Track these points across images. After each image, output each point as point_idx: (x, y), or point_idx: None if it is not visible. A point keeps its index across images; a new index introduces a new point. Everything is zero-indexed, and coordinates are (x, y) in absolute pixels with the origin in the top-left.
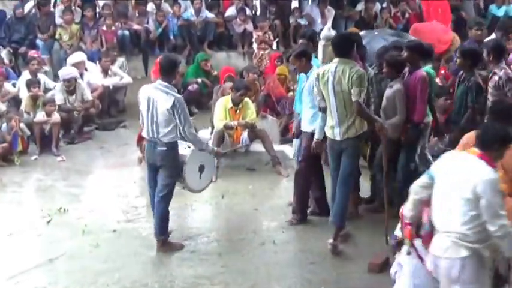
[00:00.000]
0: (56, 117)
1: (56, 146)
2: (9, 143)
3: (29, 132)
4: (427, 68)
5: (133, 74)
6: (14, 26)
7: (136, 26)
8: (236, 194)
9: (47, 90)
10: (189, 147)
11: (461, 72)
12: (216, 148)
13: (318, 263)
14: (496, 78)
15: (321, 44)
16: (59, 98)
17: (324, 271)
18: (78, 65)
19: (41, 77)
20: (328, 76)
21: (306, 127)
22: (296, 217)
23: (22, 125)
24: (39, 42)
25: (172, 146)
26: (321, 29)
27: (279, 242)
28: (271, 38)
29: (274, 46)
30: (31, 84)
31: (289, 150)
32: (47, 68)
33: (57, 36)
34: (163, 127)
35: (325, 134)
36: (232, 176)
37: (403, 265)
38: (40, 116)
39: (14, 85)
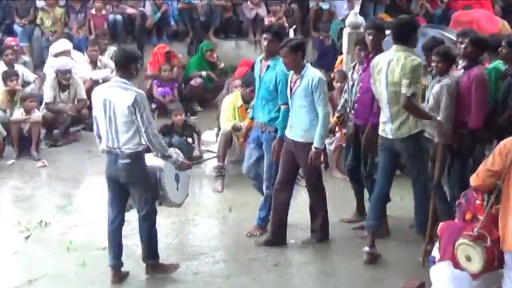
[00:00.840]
0: (37, 115)
1: (36, 149)
2: None
3: (4, 133)
4: (497, 64)
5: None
6: None
7: (130, 10)
8: (245, 207)
9: (25, 83)
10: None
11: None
12: (181, 159)
13: (342, 287)
14: None
15: (346, 31)
16: (48, 95)
17: None
18: (62, 55)
19: (19, 68)
20: (382, 65)
21: (298, 135)
22: (316, 236)
23: None
24: (17, 28)
25: (137, 157)
26: (347, 15)
27: (296, 263)
28: (286, 24)
29: (291, 34)
30: (7, 77)
31: None
32: (26, 58)
33: (38, 21)
34: (124, 132)
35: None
36: (241, 186)
37: None
38: (18, 113)
39: None
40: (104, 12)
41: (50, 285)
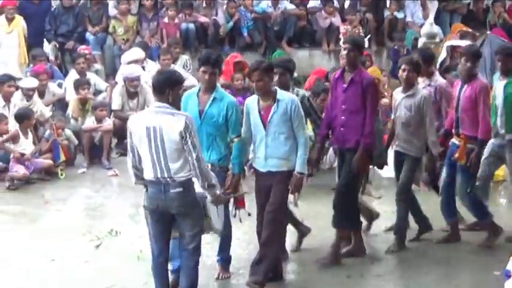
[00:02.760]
0: (108, 123)
1: (107, 158)
2: (51, 153)
3: (76, 141)
4: None
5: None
6: (60, 17)
7: (202, 19)
8: (318, 218)
9: (97, 92)
10: None
11: None
12: (219, 192)
13: None
14: None
15: (421, 41)
16: (117, 103)
17: None
18: (134, 63)
19: (91, 76)
20: None
21: (277, 165)
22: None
23: (68, 132)
24: (89, 36)
25: (189, 184)
26: (422, 25)
27: (368, 276)
28: (362, 34)
29: (366, 44)
30: (79, 85)
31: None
32: (98, 66)
33: (110, 30)
34: (175, 161)
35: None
36: (313, 196)
37: None
38: (89, 122)
39: (60, 86)
40: (176, 20)
41: None
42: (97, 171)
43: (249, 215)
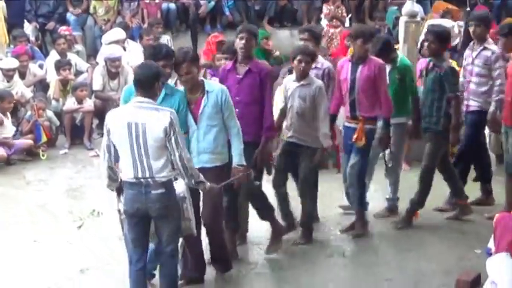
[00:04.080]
0: (89, 104)
1: (88, 138)
2: (32, 134)
3: (57, 122)
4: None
5: None
6: None
7: None
8: (298, 198)
9: (78, 73)
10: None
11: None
12: (209, 183)
13: (396, 280)
14: (487, 53)
15: (402, 20)
16: (98, 83)
17: None
18: (115, 44)
19: (72, 57)
20: None
21: (210, 161)
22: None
23: (50, 113)
24: (70, 16)
25: (171, 185)
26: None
27: (350, 254)
28: (344, 13)
29: (347, 23)
30: (61, 66)
31: None
32: (79, 47)
33: (91, 10)
34: (157, 159)
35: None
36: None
37: (497, 284)
38: (70, 103)
39: (41, 66)
40: (157, 0)
41: (102, 275)
42: (78, 152)
43: None
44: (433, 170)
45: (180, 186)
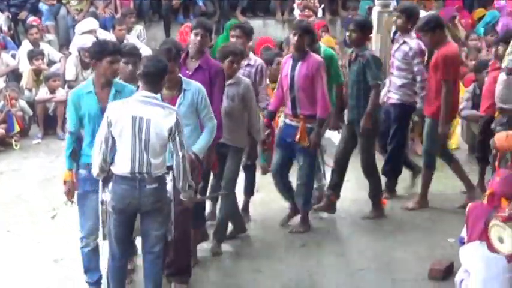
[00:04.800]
0: (62, 94)
1: (61, 128)
2: (5, 124)
3: (30, 112)
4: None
5: (153, 45)
6: None
7: None
8: (273, 188)
9: (51, 62)
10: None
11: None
12: (193, 195)
13: (369, 269)
14: (406, 49)
15: (375, 10)
16: (70, 73)
17: (376, 278)
18: (88, 34)
19: (45, 47)
20: None
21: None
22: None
23: (23, 103)
24: (42, 6)
25: (164, 180)
26: None
27: (323, 244)
28: (316, 3)
29: (320, 13)
30: (33, 55)
31: (338, 138)
32: (51, 36)
33: (63, 0)
34: (157, 156)
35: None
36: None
37: (470, 272)
38: (42, 93)
39: (13, 56)
40: None
41: (75, 265)
42: (51, 142)
43: None
44: (373, 162)
45: (168, 188)
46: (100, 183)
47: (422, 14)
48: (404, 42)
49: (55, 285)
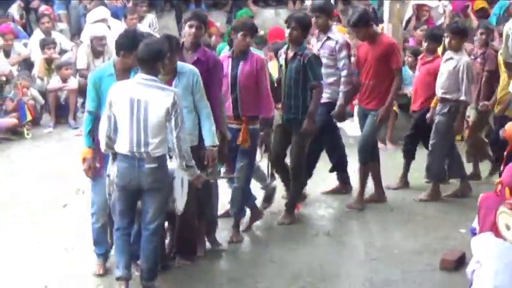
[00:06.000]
0: (73, 83)
1: (73, 117)
2: (17, 113)
3: (42, 101)
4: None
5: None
6: None
7: None
8: None
9: (63, 51)
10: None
11: (286, 49)
12: (198, 172)
13: (380, 259)
14: (331, 43)
15: (387, 0)
16: (82, 62)
17: (387, 268)
18: (100, 23)
19: (57, 36)
20: None
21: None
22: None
23: (34, 91)
24: None
25: (164, 161)
26: None
27: (335, 234)
28: None
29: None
30: (45, 44)
31: (349, 127)
32: (62, 25)
33: None
34: (155, 136)
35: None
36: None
37: (482, 263)
38: (54, 81)
39: (25, 45)
40: None
41: (86, 252)
42: (63, 131)
43: None
44: (303, 164)
45: (172, 166)
46: (110, 157)
47: (435, 4)
48: (329, 38)
49: (55, 285)
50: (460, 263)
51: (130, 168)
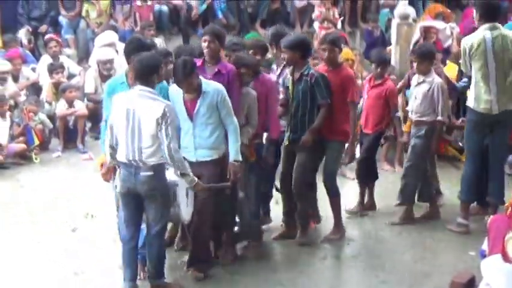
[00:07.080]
0: (82, 108)
1: (81, 142)
2: (24, 137)
3: (51, 125)
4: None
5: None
6: (33, 0)
7: (175, 1)
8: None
9: (71, 76)
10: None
11: (290, 69)
12: (196, 179)
13: (390, 282)
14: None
15: (394, 22)
16: (90, 86)
17: None
18: (108, 47)
19: (65, 60)
20: (486, 44)
21: (205, 155)
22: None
23: (42, 116)
24: (62, 19)
25: (160, 169)
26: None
27: (344, 257)
28: (336, 15)
29: (339, 25)
30: (53, 69)
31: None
32: (69, 51)
33: (83, 13)
34: (149, 146)
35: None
36: None
37: (492, 285)
38: (61, 105)
39: (33, 70)
40: (149, 3)
41: (96, 277)
42: (72, 155)
43: None
44: (307, 182)
45: (174, 174)
46: (117, 169)
47: (442, 26)
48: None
49: (55, 285)
50: (470, 285)
51: (128, 176)
